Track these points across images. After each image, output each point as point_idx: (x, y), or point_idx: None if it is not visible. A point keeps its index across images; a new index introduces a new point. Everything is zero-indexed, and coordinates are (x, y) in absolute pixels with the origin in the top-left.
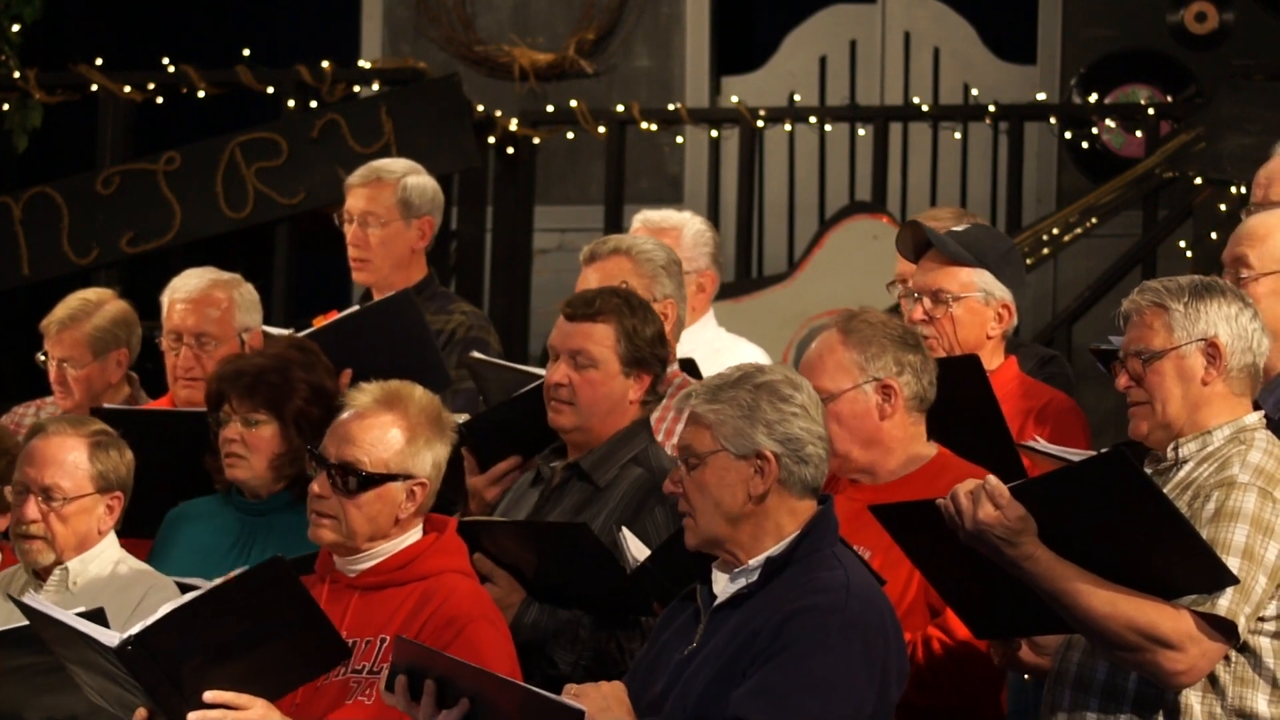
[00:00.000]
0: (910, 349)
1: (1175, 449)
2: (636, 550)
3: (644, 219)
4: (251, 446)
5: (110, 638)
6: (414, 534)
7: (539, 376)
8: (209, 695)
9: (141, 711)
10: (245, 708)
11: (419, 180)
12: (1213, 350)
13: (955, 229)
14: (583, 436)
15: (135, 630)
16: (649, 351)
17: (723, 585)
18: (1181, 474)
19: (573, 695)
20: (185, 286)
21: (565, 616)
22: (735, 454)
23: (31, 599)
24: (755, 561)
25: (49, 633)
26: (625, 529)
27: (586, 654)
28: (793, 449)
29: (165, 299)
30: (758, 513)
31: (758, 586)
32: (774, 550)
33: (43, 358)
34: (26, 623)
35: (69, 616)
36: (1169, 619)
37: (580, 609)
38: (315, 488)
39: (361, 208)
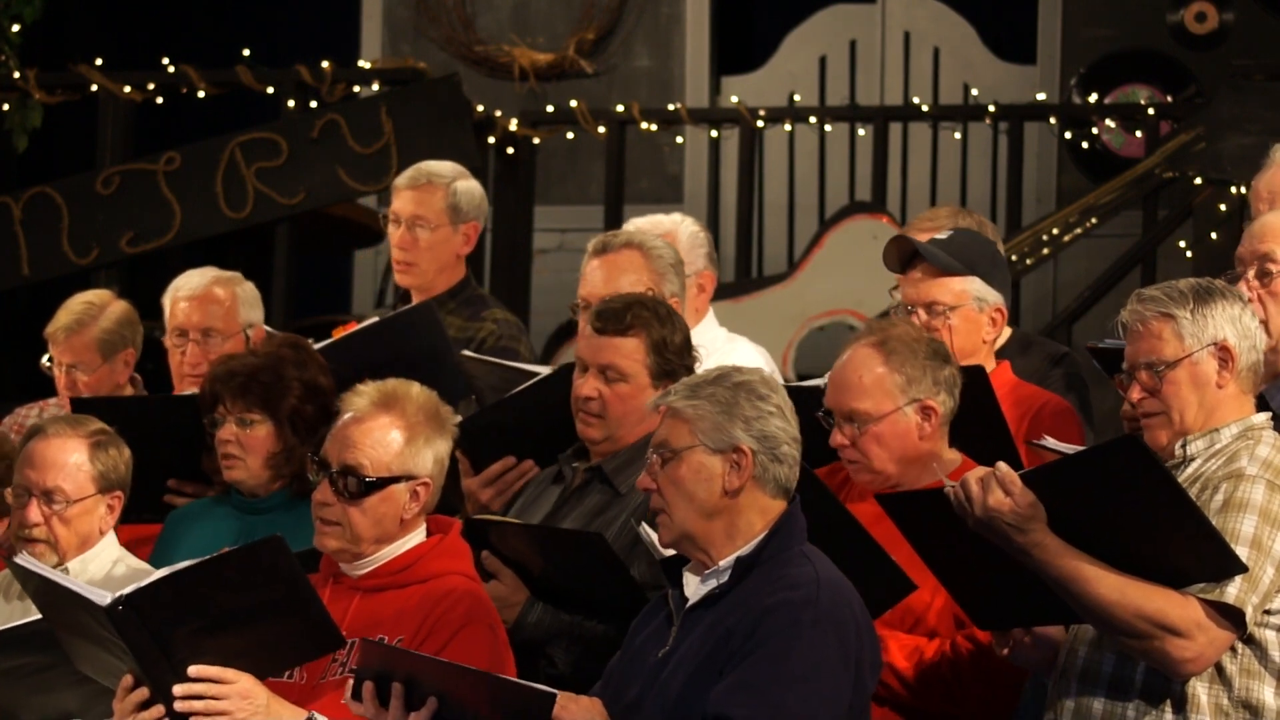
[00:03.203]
0: (943, 364)
1: (1184, 446)
2: (659, 543)
3: (635, 227)
4: (247, 447)
5: (101, 597)
6: (417, 535)
7: (531, 374)
8: (194, 670)
9: (128, 678)
10: (231, 682)
11: (468, 185)
12: (1225, 354)
13: (939, 237)
14: (610, 446)
15: (127, 591)
16: (678, 362)
17: (694, 587)
18: (1189, 470)
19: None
20: (188, 285)
21: (567, 617)
22: (712, 449)
23: (23, 559)
24: (725, 562)
25: (42, 598)
26: (645, 524)
27: (588, 654)
28: (769, 446)
29: (168, 298)
30: (731, 508)
31: (729, 586)
32: (743, 550)
33: (48, 364)
34: (18, 622)
35: (60, 576)
36: (1177, 606)
37: (584, 614)
38: (318, 495)
39: (411, 211)
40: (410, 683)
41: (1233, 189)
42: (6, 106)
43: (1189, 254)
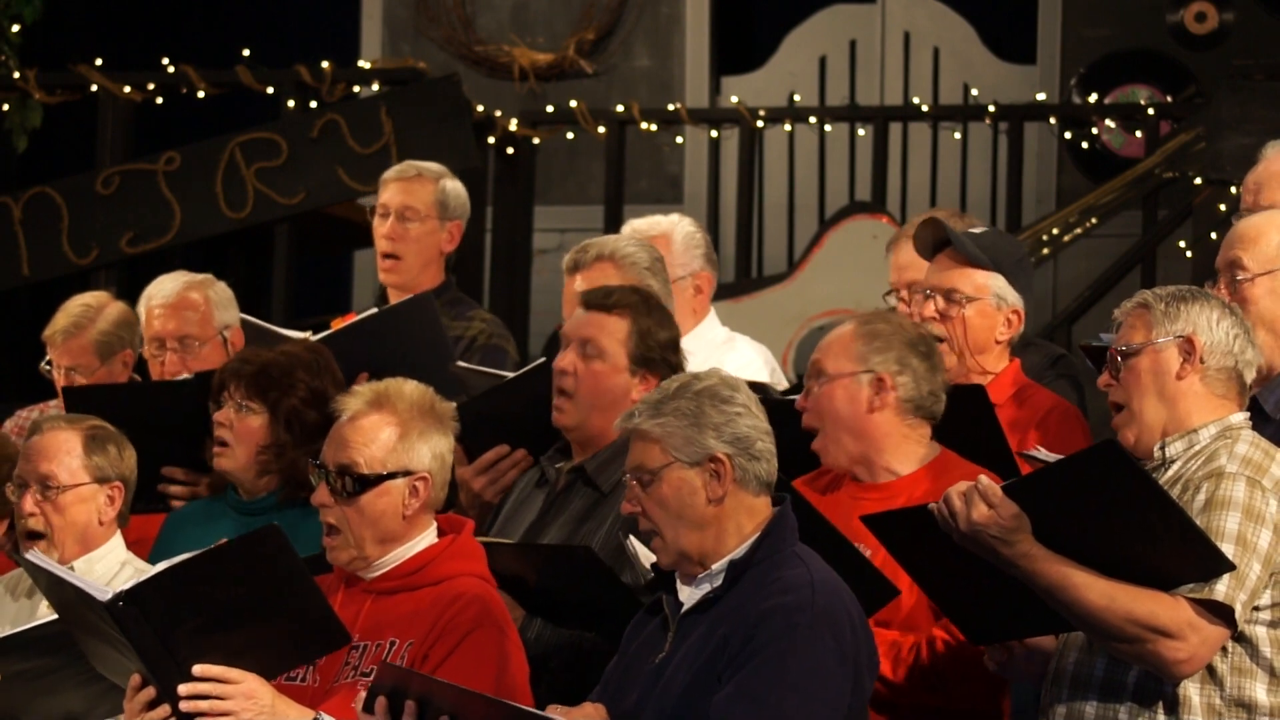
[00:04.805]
0: (920, 355)
1: (1162, 448)
2: (645, 556)
3: (633, 228)
4: (238, 434)
5: (103, 593)
6: (429, 536)
7: None
8: (199, 669)
9: (136, 677)
10: (236, 682)
11: (454, 184)
12: (1188, 346)
13: (972, 231)
14: (583, 434)
15: (127, 585)
16: (659, 355)
17: (688, 592)
18: (1170, 472)
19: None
20: (161, 292)
21: (567, 631)
22: (688, 462)
23: (34, 555)
24: (718, 566)
25: (54, 595)
26: (632, 537)
27: (589, 665)
28: (743, 447)
29: (142, 307)
30: (719, 515)
31: (723, 590)
32: (736, 553)
33: (47, 367)
34: (25, 627)
35: (64, 571)
36: (1167, 608)
37: (582, 628)
38: (316, 497)
39: (401, 201)
40: (424, 703)
41: (1233, 189)
42: (6, 106)
43: (1189, 254)
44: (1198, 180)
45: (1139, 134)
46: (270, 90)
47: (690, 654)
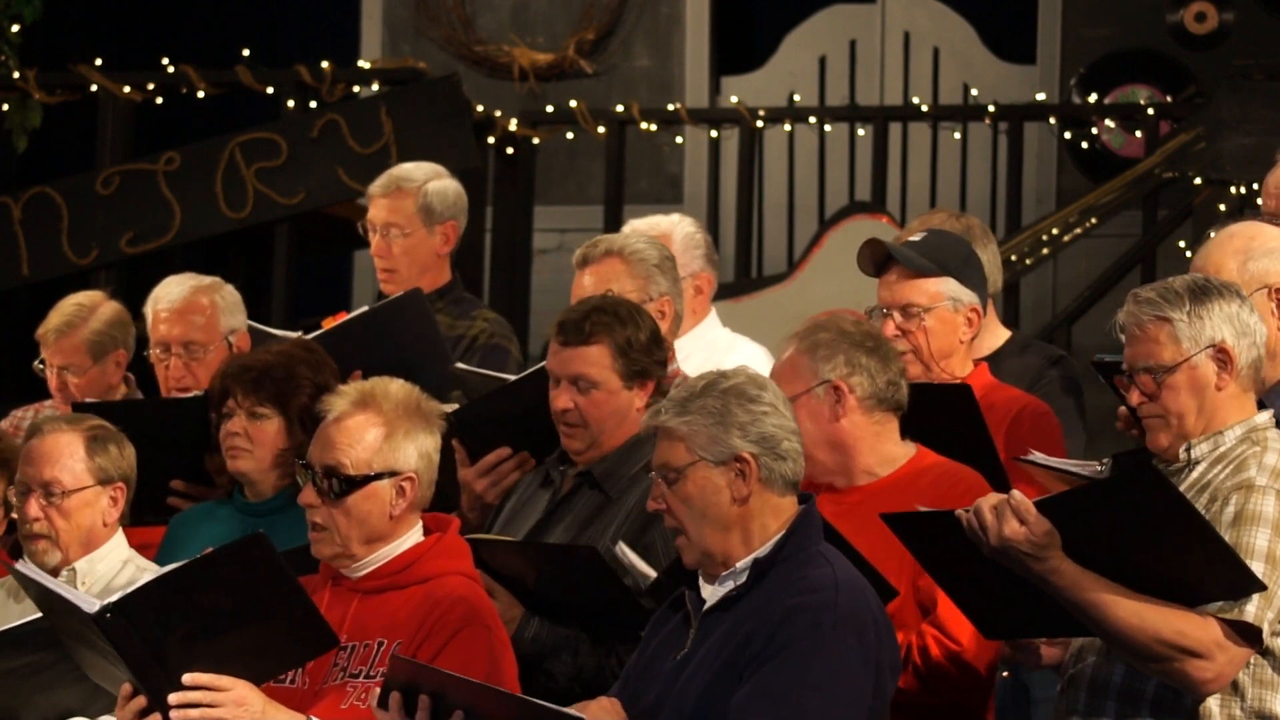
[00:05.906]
0: (866, 351)
1: (1187, 450)
2: (641, 565)
3: (633, 229)
4: (256, 440)
5: (90, 604)
6: (415, 535)
7: None
8: (188, 677)
9: (126, 687)
10: (226, 689)
11: (440, 185)
12: (1223, 356)
13: (912, 239)
14: (596, 452)
15: (115, 598)
16: (646, 360)
17: (711, 590)
18: (1195, 475)
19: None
20: (167, 296)
21: (564, 631)
22: (714, 461)
23: (24, 566)
24: (743, 564)
25: (44, 605)
26: (622, 544)
27: (586, 667)
28: (769, 447)
29: (148, 310)
30: (744, 515)
31: (747, 588)
32: (761, 551)
33: (40, 366)
34: (17, 622)
35: (53, 583)
36: (1196, 628)
37: (580, 627)
38: (303, 498)
39: (383, 219)
40: (438, 697)
41: (1233, 189)
42: (6, 106)
43: (1189, 254)
44: (1198, 180)
45: (1139, 134)
46: (270, 90)
47: (712, 652)
